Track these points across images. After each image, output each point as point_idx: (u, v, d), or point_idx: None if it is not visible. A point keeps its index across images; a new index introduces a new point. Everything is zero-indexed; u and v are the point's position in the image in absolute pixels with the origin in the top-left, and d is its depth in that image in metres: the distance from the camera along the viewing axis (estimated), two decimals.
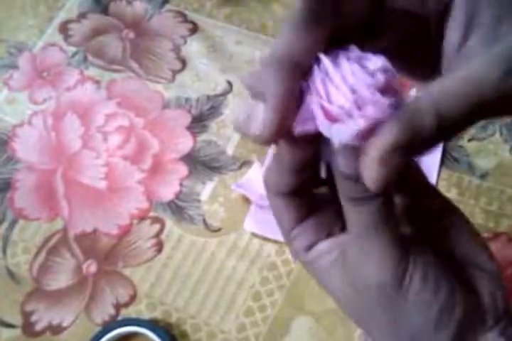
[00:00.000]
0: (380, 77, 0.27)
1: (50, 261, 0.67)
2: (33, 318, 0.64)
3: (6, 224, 0.68)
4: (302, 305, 0.64)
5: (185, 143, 0.73)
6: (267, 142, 0.30)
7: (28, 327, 0.64)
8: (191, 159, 0.72)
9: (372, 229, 0.31)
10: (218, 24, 0.81)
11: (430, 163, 0.71)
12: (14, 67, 0.78)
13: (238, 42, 0.79)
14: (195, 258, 0.67)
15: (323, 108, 0.28)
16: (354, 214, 0.31)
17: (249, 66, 0.78)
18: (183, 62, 0.78)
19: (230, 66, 0.78)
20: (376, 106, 0.27)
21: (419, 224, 0.35)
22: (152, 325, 0.62)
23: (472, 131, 0.73)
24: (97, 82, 0.77)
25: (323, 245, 0.35)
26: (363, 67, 0.28)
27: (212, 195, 0.70)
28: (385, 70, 0.28)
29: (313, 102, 0.29)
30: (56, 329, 0.64)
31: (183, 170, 0.71)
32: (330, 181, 0.32)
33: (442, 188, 0.70)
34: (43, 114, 0.75)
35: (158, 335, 0.60)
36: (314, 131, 0.29)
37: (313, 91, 0.29)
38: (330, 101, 0.28)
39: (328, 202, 0.33)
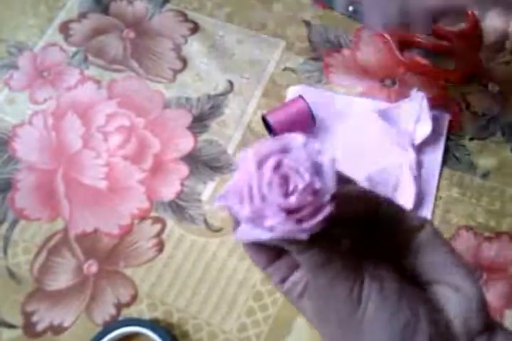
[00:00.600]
0: (292, 201, 0.27)
1: (50, 261, 0.67)
2: (34, 318, 0.64)
3: (6, 225, 0.68)
4: None
5: (186, 142, 0.73)
6: None
7: (29, 327, 0.64)
8: (192, 159, 0.72)
9: (319, 269, 0.31)
10: (219, 23, 0.81)
11: (432, 162, 0.71)
12: (14, 67, 0.78)
13: (239, 41, 0.79)
14: (196, 258, 0.67)
15: (234, 205, 0.29)
16: (300, 260, 0.32)
17: (250, 65, 0.77)
18: (184, 62, 0.78)
19: (230, 65, 0.78)
20: (279, 223, 0.27)
21: (380, 245, 0.35)
22: (153, 325, 0.62)
23: (473, 130, 0.73)
24: (98, 82, 0.77)
25: (294, 277, 0.36)
26: (286, 179, 0.28)
27: (214, 194, 0.70)
28: (305, 192, 0.28)
29: (229, 193, 0.29)
30: (57, 330, 0.64)
31: (183, 169, 0.71)
32: None
33: (444, 187, 0.70)
34: (43, 113, 0.74)
35: (160, 335, 0.60)
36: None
37: (233, 181, 0.29)
38: (241, 201, 0.28)
39: None
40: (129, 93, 0.76)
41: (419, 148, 0.71)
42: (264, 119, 0.70)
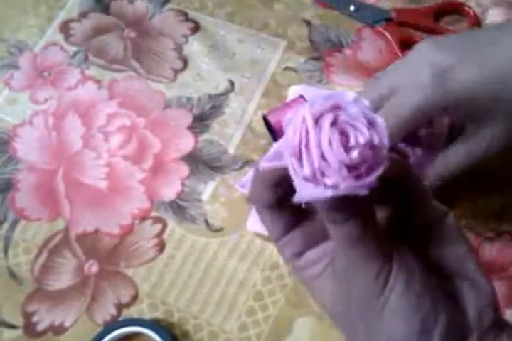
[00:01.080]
0: (354, 157, 0.27)
1: (51, 261, 0.67)
2: (35, 319, 0.64)
3: (7, 225, 0.68)
4: (304, 304, 0.64)
5: (186, 142, 0.73)
6: None
7: (29, 327, 0.64)
8: (193, 159, 0.72)
9: (351, 244, 0.31)
10: (220, 23, 0.81)
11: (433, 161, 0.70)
12: (15, 66, 0.78)
13: (240, 40, 0.79)
14: (197, 258, 0.66)
15: (292, 165, 0.28)
16: (335, 231, 0.32)
17: (251, 65, 0.77)
18: (185, 62, 0.78)
19: (231, 65, 0.77)
20: (341, 180, 0.27)
21: (410, 232, 0.35)
22: (154, 325, 0.62)
23: None
24: (98, 82, 0.77)
25: (312, 254, 0.36)
26: (345, 135, 0.28)
27: (214, 194, 0.70)
28: (366, 146, 0.28)
29: (284, 153, 0.29)
30: (58, 330, 0.64)
31: (184, 169, 0.71)
32: None
33: (445, 187, 0.69)
34: (43, 113, 0.74)
35: (160, 335, 0.60)
36: (281, 169, 0.30)
37: (286, 140, 0.29)
38: (299, 160, 0.28)
39: (315, 210, 0.33)
40: (130, 93, 0.76)
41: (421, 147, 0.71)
42: (265, 119, 0.70)
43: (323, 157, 0.27)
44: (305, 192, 0.28)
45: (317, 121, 0.28)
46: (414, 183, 0.34)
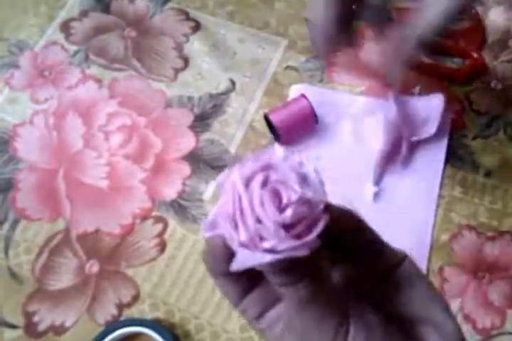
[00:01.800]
0: (289, 215, 0.27)
1: (52, 261, 0.66)
2: (36, 319, 0.64)
3: (7, 225, 0.68)
4: None
5: (187, 142, 0.72)
6: None
7: (30, 327, 0.64)
8: (194, 158, 0.71)
9: (303, 305, 0.31)
10: (221, 22, 0.81)
11: (435, 161, 0.70)
12: (15, 66, 0.78)
13: (241, 40, 0.79)
14: (198, 258, 0.66)
15: (228, 232, 0.28)
16: (285, 293, 0.31)
17: (252, 64, 0.77)
18: (186, 61, 0.78)
19: (232, 64, 0.77)
20: (279, 242, 0.27)
21: (367, 283, 0.34)
22: (155, 325, 0.61)
23: (476, 129, 0.73)
24: (99, 81, 0.76)
25: (272, 314, 0.35)
26: (278, 194, 0.27)
27: (215, 194, 0.69)
28: (299, 202, 0.27)
29: (220, 220, 0.28)
30: (59, 330, 0.64)
31: (185, 169, 0.71)
32: None
33: (447, 186, 0.69)
34: (44, 113, 0.74)
35: (162, 335, 0.60)
36: (220, 237, 0.29)
37: (221, 207, 0.28)
38: (235, 226, 0.27)
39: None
40: (131, 92, 0.75)
41: (422, 146, 0.71)
42: (266, 118, 0.70)
43: (258, 220, 0.27)
44: (244, 258, 0.27)
45: (248, 183, 0.27)
46: (366, 233, 0.34)
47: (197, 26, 0.80)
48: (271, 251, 0.27)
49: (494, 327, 0.64)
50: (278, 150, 0.28)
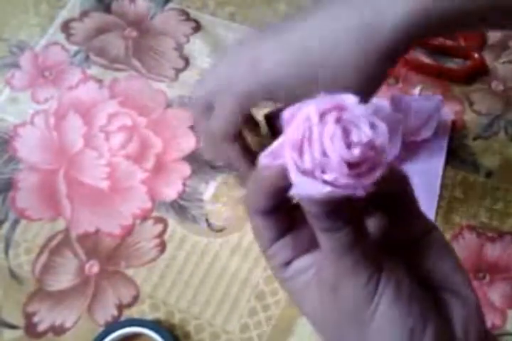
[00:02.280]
0: (356, 153, 0.27)
1: (52, 261, 0.66)
2: (36, 319, 0.64)
3: (7, 225, 0.68)
4: None
5: (188, 142, 0.72)
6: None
7: (30, 327, 0.64)
8: (194, 158, 0.71)
9: (342, 252, 0.31)
10: (221, 22, 0.80)
11: (435, 162, 0.70)
12: (16, 66, 0.78)
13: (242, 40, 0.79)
14: (199, 258, 0.66)
15: (292, 158, 0.28)
16: (325, 240, 0.31)
17: None
18: (186, 61, 0.78)
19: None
20: (340, 176, 0.27)
21: (397, 244, 0.35)
22: (155, 325, 0.61)
23: (477, 129, 0.73)
24: (100, 81, 0.76)
25: (300, 263, 0.35)
26: (348, 133, 0.28)
27: (216, 194, 0.69)
28: (367, 146, 0.28)
29: (285, 147, 0.29)
30: (58, 330, 0.64)
31: (186, 169, 0.71)
32: None
33: (447, 187, 0.69)
34: (44, 113, 0.74)
35: (162, 336, 0.60)
36: (280, 166, 0.29)
37: (288, 135, 0.29)
38: (300, 154, 0.28)
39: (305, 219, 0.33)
40: (131, 92, 0.75)
41: (422, 147, 0.71)
42: (267, 119, 0.70)
43: (324, 153, 0.27)
44: (303, 186, 0.28)
45: (322, 117, 0.28)
46: (408, 194, 0.34)
47: (198, 26, 0.80)
48: (330, 184, 0.27)
49: (495, 327, 0.63)
50: (351, 96, 0.29)
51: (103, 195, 0.69)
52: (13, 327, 0.64)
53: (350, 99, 0.29)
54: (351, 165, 0.27)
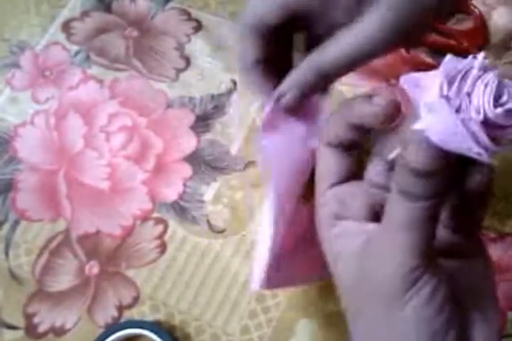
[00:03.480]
0: (499, 112, 0.27)
1: (52, 262, 0.66)
2: (36, 320, 0.64)
3: (7, 226, 0.68)
4: (307, 307, 0.64)
5: (188, 143, 0.72)
6: None
7: (30, 328, 0.64)
8: (195, 159, 0.71)
9: (406, 228, 0.30)
10: (223, 22, 0.80)
11: None
12: (16, 66, 0.77)
13: None
14: (199, 259, 0.66)
15: (440, 84, 0.28)
16: (398, 208, 0.30)
17: None
18: (187, 61, 0.78)
19: (234, 65, 0.77)
20: (470, 122, 0.27)
21: (451, 251, 0.35)
22: (155, 326, 0.61)
23: None
24: (100, 81, 0.76)
25: (350, 226, 0.34)
26: (500, 92, 0.28)
27: (217, 195, 0.69)
28: (510, 112, 0.28)
29: (436, 76, 0.29)
30: (59, 331, 0.63)
31: (186, 170, 0.71)
32: None
33: None
34: (45, 113, 0.74)
35: (162, 337, 0.60)
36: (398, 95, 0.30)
37: (443, 69, 0.29)
38: (450, 84, 0.28)
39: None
40: (132, 92, 0.75)
41: None
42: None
43: (469, 94, 0.27)
44: (431, 118, 0.28)
45: (483, 70, 0.28)
46: (488, 189, 0.34)
47: (199, 26, 0.80)
48: (466, 118, 0.27)
49: None
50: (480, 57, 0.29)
51: (103, 196, 0.69)
52: (13, 327, 0.64)
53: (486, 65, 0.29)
54: (487, 124, 0.27)
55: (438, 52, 0.77)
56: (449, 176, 0.29)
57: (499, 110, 0.27)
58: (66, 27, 0.80)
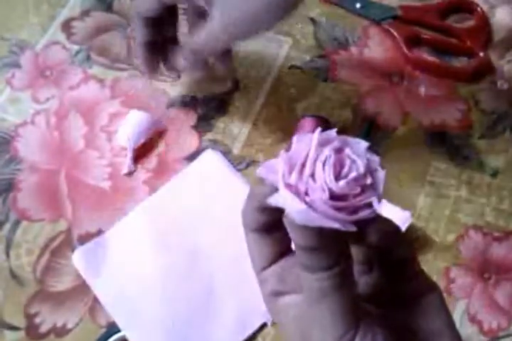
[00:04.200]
0: (341, 185, 0.28)
1: (53, 262, 0.66)
2: (37, 320, 0.64)
3: (8, 226, 0.67)
4: None
5: (190, 142, 0.72)
6: None
7: (32, 329, 0.63)
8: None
9: (321, 299, 0.30)
10: None
11: None
12: (16, 65, 0.77)
13: None
14: None
15: (282, 171, 0.29)
16: (306, 282, 0.30)
17: (256, 64, 0.77)
18: None
19: (236, 64, 0.76)
20: (319, 201, 0.27)
21: (390, 299, 0.34)
22: None
23: (482, 128, 0.72)
24: (101, 81, 0.76)
25: (291, 299, 0.34)
26: (342, 165, 0.28)
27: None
28: (355, 181, 0.28)
29: (280, 161, 0.29)
30: (60, 332, 0.63)
31: None
32: None
33: (453, 187, 0.69)
34: (45, 113, 0.74)
35: None
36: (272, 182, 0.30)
37: (289, 152, 0.29)
38: (291, 170, 0.29)
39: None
40: (133, 92, 0.75)
41: None
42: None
43: (312, 175, 0.28)
44: (282, 199, 0.28)
45: (324, 144, 0.29)
46: (407, 252, 0.33)
47: None
48: (309, 206, 0.28)
49: (501, 328, 0.63)
50: (359, 140, 0.30)
51: (105, 196, 0.69)
52: (14, 328, 0.63)
53: (359, 143, 0.30)
54: (335, 197, 0.28)
55: (441, 52, 0.77)
56: (339, 242, 0.30)
57: (342, 183, 0.28)
58: (66, 26, 0.80)
